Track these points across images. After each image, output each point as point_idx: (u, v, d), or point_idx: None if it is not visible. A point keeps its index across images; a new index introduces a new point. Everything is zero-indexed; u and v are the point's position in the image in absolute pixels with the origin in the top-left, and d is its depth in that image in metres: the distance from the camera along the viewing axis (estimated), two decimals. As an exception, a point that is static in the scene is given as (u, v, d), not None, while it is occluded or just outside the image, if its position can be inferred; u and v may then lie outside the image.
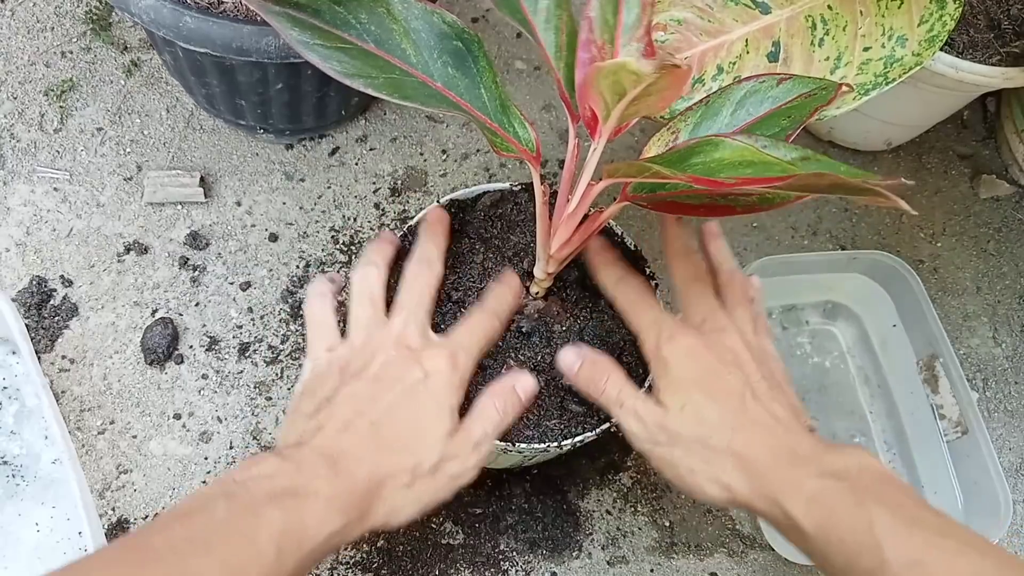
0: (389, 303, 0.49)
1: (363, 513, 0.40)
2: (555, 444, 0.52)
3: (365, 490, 0.40)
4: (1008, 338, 0.81)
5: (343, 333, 0.47)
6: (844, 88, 0.55)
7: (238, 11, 0.59)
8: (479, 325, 0.49)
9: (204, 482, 0.63)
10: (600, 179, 0.44)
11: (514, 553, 0.64)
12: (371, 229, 0.74)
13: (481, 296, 0.52)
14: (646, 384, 0.55)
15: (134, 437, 0.64)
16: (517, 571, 0.63)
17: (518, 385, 0.49)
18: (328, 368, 0.45)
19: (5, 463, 0.60)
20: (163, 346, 0.66)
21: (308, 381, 0.46)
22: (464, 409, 0.47)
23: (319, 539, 0.38)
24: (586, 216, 0.49)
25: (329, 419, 0.43)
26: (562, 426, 0.53)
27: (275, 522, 0.37)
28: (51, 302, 0.66)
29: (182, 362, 0.66)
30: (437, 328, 0.54)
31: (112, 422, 0.64)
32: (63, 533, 0.60)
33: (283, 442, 0.43)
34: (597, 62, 0.44)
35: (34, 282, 0.67)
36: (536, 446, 0.51)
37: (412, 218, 0.58)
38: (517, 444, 0.51)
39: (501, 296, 0.52)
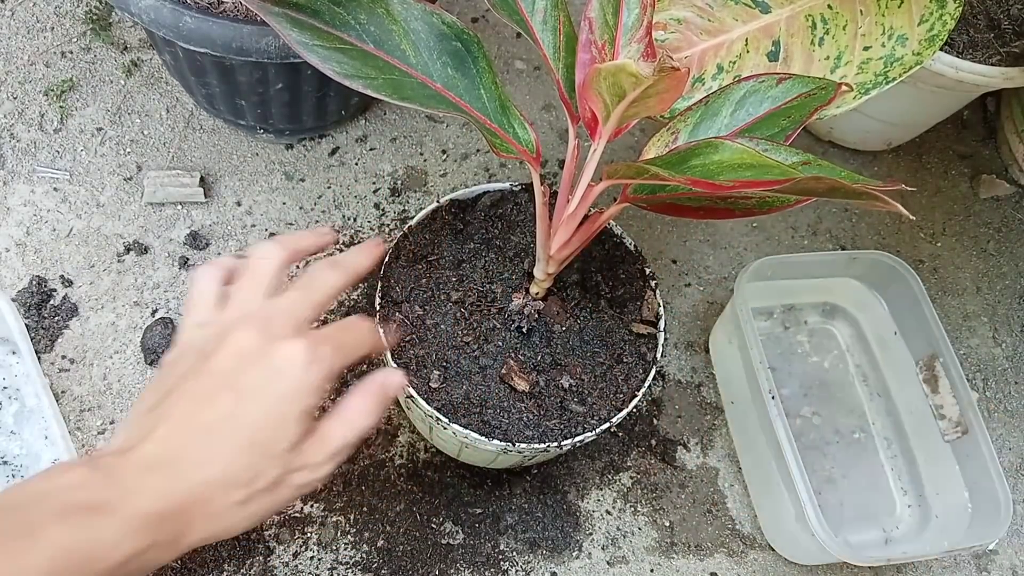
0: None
1: (178, 533, 0.36)
2: (555, 444, 0.52)
3: (181, 508, 0.36)
4: (1008, 338, 0.81)
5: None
6: (844, 87, 0.55)
7: (238, 11, 0.59)
8: (359, 329, 0.43)
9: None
10: (600, 180, 0.44)
11: (514, 553, 0.64)
12: (371, 229, 0.74)
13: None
14: (646, 384, 0.55)
15: (134, 437, 0.64)
16: (517, 571, 0.63)
17: (386, 382, 0.43)
18: (187, 348, 0.40)
19: (5, 463, 0.60)
20: (163, 346, 0.66)
21: (164, 366, 0.41)
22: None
23: (110, 562, 0.33)
24: (586, 217, 0.49)
25: (161, 420, 0.37)
26: (562, 426, 0.53)
27: (55, 541, 0.32)
28: (51, 302, 0.67)
29: (182, 362, 0.66)
30: (428, 330, 0.54)
31: (112, 422, 0.64)
32: (63, 533, 0.60)
33: (113, 444, 0.38)
34: (597, 63, 0.44)
35: (34, 282, 0.67)
36: (536, 446, 0.52)
37: (412, 218, 0.58)
38: (517, 444, 0.51)
39: (386, 338, 0.47)
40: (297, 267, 0.68)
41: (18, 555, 0.32)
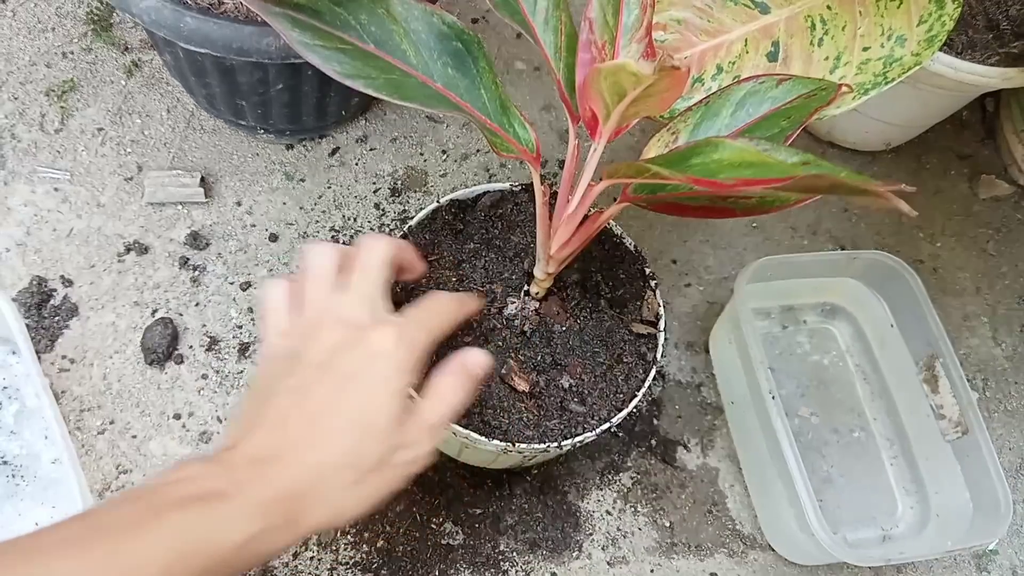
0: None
1: (292, 517, 0.37)
2: (555, 444, 0.52)
3: (294, 492, 0.37)
4: (1008, 338, 0.81)
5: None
6: (843, 88, 0.55)
7: (238, 12, 0.59)
8: (437, 303, 0.46)
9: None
10: (600, 180, 0.44)
11: (514, 553, 0.64)
12: (371, 229, 0.74)
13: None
14: (646, 384, 0.55)
15: (134, 437, 0.64)
16: (517, 571, 0.63)
17: (468, 361, 0.45)
18: (276, 356, 0.42)
19: (5, 463, 0.60)
20: (163, 346, 0.66)
21: (258, 375, 0.43)
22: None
23: (228, 546, 0.35)
24: (586, 217, 0.49)
25: (266, 416, 0.39)
26: (562, 426, 0.53)
27: (174, 526, 0.34)
28: (51, 302, 0.67)
29: (182, 362, 0.66)
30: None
31: (112, 422, 0.64)
32: (64, 533, 0.60)
33: (220, 444, 0.40)
34: (597, 63, 0.44)
35: (34, 282, 0.67)
36: (536, 446, 0.52)
37: (412, 218, 0.58)
38: (517, 444, 0.51)
39: (462, 300, 0.49)
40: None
41: (140, 540, 0.33)
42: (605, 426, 0.53)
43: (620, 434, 0.70)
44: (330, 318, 0.42)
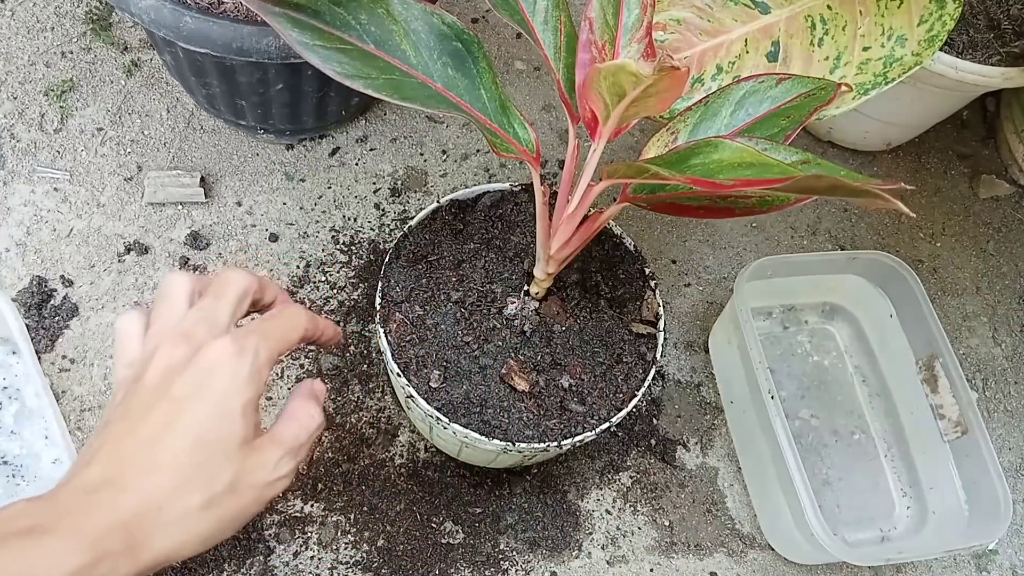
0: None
1: (130, 545, 0.35)
2: (555, 444, 0.52)
3: (129, 520, 0.35)
4: (1008, 338, 0.81)
5: None
6: (843, 88, 0.55)
7: (238, 11, 0.59)
8: (286, 314, 0.43)
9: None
10: (600, 180, 0.44)
11: (514, 553, 0.64)
12: (371, 229, 0.74)
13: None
14: (646, 384, 0.55)
15: (134, 437, 0.64)
16: (517, 571, 0.63)
17: (316, 388, 0.43)
18: (120, 386, 0.40)
19: (5, 463, 0.60)
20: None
21: (105, 410, 0.41)
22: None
23: None
24: (586, 217, 0.49)
25: (101, 446, 0.37)
26: (562, 426, 0.53)
27: None
28: (51, 302, 0.67)
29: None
30: (428, 330, 0.54)
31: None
32: (64, 533, 0.60)
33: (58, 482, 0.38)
34: (597, 63, 0.44)
35: (34, 282, 0.67)
36: (536, 446, 0.52)
37: (412, 218, 0.58)
38: (517, 444, 0.51)
39: (322, 322, 0.46)
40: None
41: None
42: (605, 426, 0.53)
43: (620, 434, 0.70)
44: (168, 339, 0.40)
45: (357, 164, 0.77)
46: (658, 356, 0.56)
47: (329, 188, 0.75)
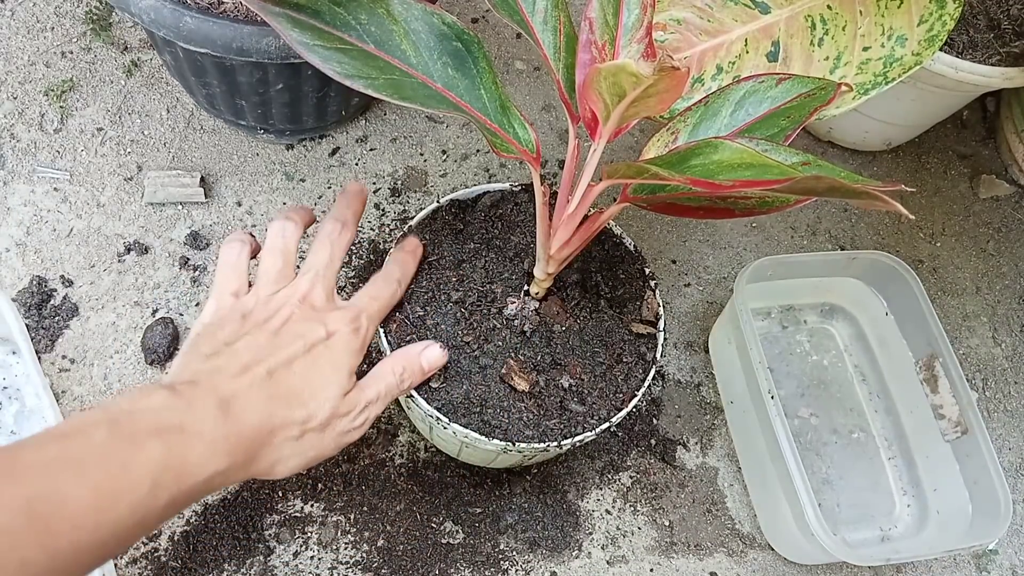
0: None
1: (248, 459, 0.41)
2: (555, 444, 0.52)
3: (253, 436, 0.41)
4: (1008, 338, 0.81)
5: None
6: (843, 88, 0.55)
7: (238, 11, 0.59)
8: (381, 291, 0.50)
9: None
10: (600, 180, 0.44)
11: (514, 553, 0.64)
12: (371, 229, 0.74)
13: (393, 262, 0.54)
14: (646, 383, 0.55)
15: (134, 437, 0.64)
16: (517, 571, 0.64)
17: (424, 353, 0.50)
18: (231, 312, 0.46)
19: (6, 463, 0.60)
20: (163, 346, 0.66)
21: (209, 322, 0.46)
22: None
23: (199, 478, 0.38)
24: (586, 217, 0.49)
25: (227, 363, 0.43)
26: (562, 426, 0.53)
27: (155, 455, 0.36)
28: (51, 302, 0.67)
29: (182, 362, 0.66)
30: (428, 330, 0.54)
31: (112, 422, 0.64)
32: (64, 533, 0.60)
33: (176, 377, 0.43)
34: (597, 63, 0.44)
35: (34, 282, 0.67)
36: (536, 446, 0.52)
37: (412, 218, 0.58)
38: (517, 444, 0.51)
39: (404, 263, 0.53)
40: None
41: (126, 463, 0.35)
42: (605, 426, 0.53)
43: (620, 434, 0.70)
44: (292, 295, 0.47)
45: (357, 164, 0.77)
46: (658, 356, 0.56)
47: (329, 188, 0.75)
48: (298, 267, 0.50)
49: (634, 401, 0.54)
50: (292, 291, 0.47)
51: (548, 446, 0.52)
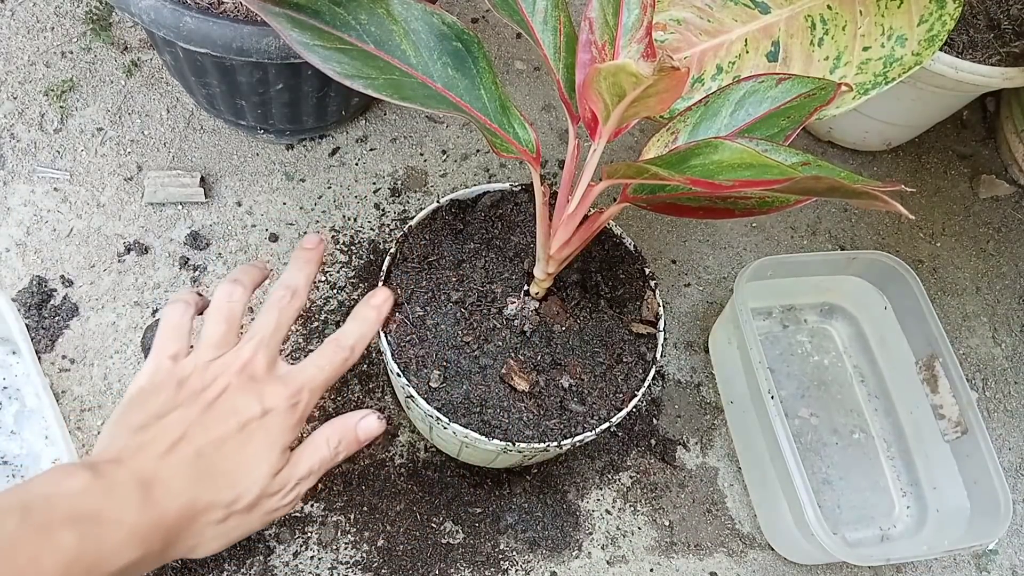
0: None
1: (167, 545, 0.39)
2: (555, 444, 0.52)
3: (174, 523, 0.39)
4: (1008, 338, 0.81)
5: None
6: (843, 88, 0.55)
7: (238, 11, 0.59)
8: (331, 360, 0.47)
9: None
10: (600, 180, 0.44)
11: (514, 553, 0.64)
12: (371, 229, 0.74)
13: (353, 319, 0.51)
14: (646, 383, 0.55)
15: (134, 437, 0.64)
16: (517, 571, 0.64)
17: (361, 424, 0.48)
18: (167, 378, 0.44)
19: (5, 463, 0.60)
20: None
21: (143, 388, 0.44)
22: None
23: (112, 568, 0.36)
24: (586, 217, 0.49)
25: (154, 439, 0.41)
26: (562, 426, 0.53)
27: (67, 545, 0.35)
28: (51, 302, 0.67)
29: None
30: (428, 330, 0.54)
31: (112, 422, 0.64)
32: (64, 533, 0.60)
33: (100, 454, 0.41)
34: (597, 63, 0.44)
35: (34, 282, 0.67)
36: (536, 446, 0.52)
37: (412, 218, 0.58)
38: (517, 444, 0.51)
39: (364, 321, 0.50)
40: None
41: (35, 555, 0.34)
42: (605, 426, 0.53)
43: (620, 433, 0.70)
44: (232, 364, 0.44)
45: (357, 164, 0.77)
46: (658, 356, 0.56)
47: (329, 188, 0.75)
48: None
49: (634, 401, 0.54)
50: (233, 358, 0.45)
51: (548, 446, 0.52)
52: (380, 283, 0.55)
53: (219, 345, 0.45)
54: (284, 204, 0.74)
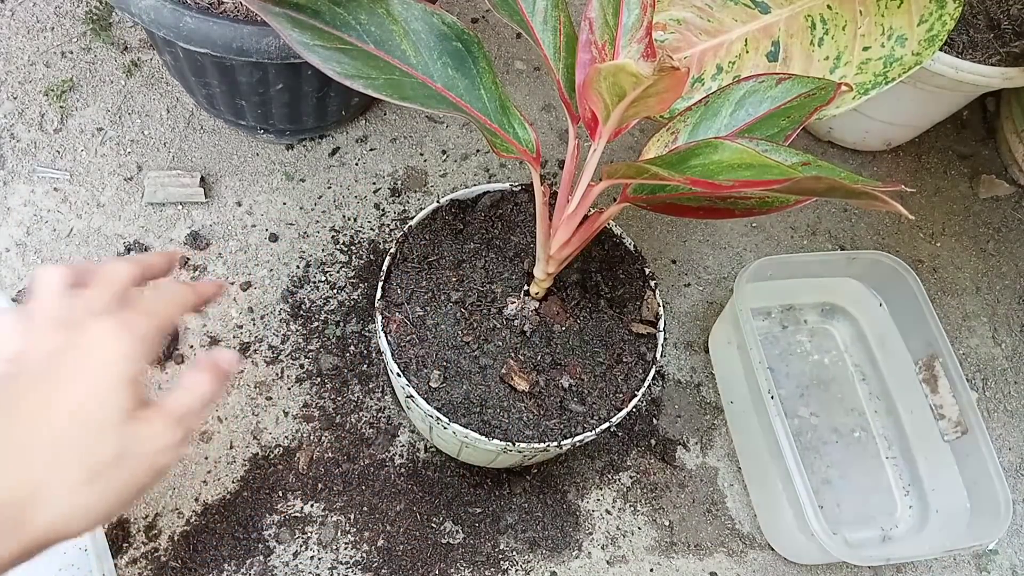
0: None
1: (12, 524, 0.35)
2: (555, 444, 0.52)
3: (10, 498, 0.35)
4: (1008, 338, 0.81)
5: None
6: (843, 87, 0.55)
7: (238, 11, 0.59)
8: (166, 290, 0.43)
9: (204, 482, 0.63)
10: (600, 180, 0.44)
11: (514, 552, 0.64)
12: (371, 229, 0.74)
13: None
14: (646, 383, 0.55)
15: (134, 437, 0.64)
16: (517, 571, 0.64)
17: (219, 358, 0.43)
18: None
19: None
20: (163, 346, 0.66)
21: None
22: None
23: None
24: (586, 217, 0.49)
25: None
26: (562, 426, 0.53)
27: None
28: (51, 302, 0.66)
29: (182, 362, 0.66)
30: (428, 330, 0.54)
31: (112, 422, 0.64)
32: (64, 533, 0.59)
33: None
34: (597, 63, 0.44)
35: (34, 282, 0.67)
36: (536, 446, 0.52)
37: (412, 218, 0.58)
38: (517, 443, 0.51)
39: (202, 286, 0.46)
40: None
41: None
42: (605, 426, 0.53)
43: (620, 434, 0.70)
44: (46, 327, 0.40)
45: (357, 164, 0.77)
46: (658, 356, 0.56)
47: (329, 188, 0.75)
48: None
49: (634, 401, 0.54)
50: (47, 315, 0.40)
51: (548, 446, 0.52)
52: (380, 283, 0.55)
53: (38, 311, 0.41)
54: (284, 204, 0.74)
